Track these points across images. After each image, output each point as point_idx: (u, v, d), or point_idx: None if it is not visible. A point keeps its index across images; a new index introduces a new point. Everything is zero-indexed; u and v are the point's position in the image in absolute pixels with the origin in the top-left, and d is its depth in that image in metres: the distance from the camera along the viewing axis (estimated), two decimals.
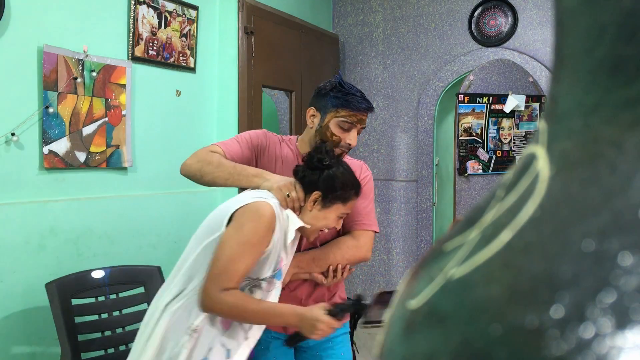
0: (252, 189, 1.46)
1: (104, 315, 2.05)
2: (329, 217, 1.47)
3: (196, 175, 1.52)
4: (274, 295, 1.41)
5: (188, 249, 1.40)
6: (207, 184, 1.53)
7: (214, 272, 1.29)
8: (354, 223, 1.66)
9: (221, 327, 1.36)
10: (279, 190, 1.42)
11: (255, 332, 1.42)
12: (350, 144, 1.62)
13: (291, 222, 1.40)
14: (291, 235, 1.39)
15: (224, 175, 1.48)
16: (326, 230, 1.53)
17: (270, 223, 1.32)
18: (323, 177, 1.45)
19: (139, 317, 2.17)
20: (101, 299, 2.07)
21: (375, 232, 1.71)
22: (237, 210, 1.33)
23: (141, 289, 2.21)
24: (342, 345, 1.72)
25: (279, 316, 1.39)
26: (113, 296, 2.11)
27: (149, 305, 2.13)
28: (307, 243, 1.62)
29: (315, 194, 1.45)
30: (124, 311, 2.12)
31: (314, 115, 1.64)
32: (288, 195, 1.42)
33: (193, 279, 1.34)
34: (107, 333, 2.05)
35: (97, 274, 2.07)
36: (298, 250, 1.58)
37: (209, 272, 1.30)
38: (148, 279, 2.21)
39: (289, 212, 1.42)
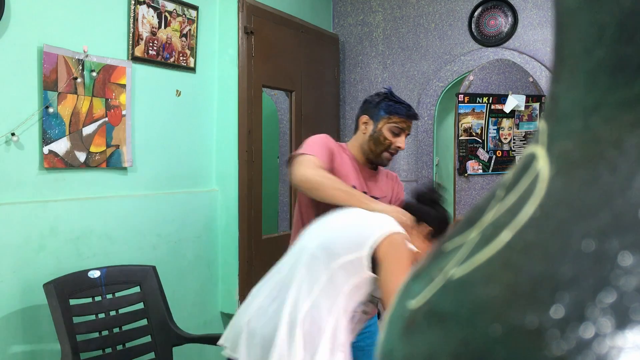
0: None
1: (101, 315, 2.06)
2: (424, 250, 1.56)
3: (313, 188, 1.63)
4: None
5: (310, 258, 1.42)
6: (321, 198, 1.64)
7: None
8: None
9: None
10: (398, 218, 1.54)
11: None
12: (399, 147, 1.83)
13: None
14: None
15: (339, 194, 1.61)
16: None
17: (412, 254, 1.44)
18: (437, 216, 1.62)
19: (135, 316, 2.18)
20: (98, 299, 2.07)
21: None
22: (381, 239, 1.39)
23: (137, 289, 2.21)
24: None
25: None
26: (109, 296, 2.11)
27: (145, 304, 2.16)
28: None
29: (428, 228, 1.59)
30: (121, 311, 2.13)
31: (366, 122, 1.85)
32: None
33: (338, 296, 1.37)
34: (105, 333, 2.05)
35: (93, 274, 2.08)
36: None
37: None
38: (143, 279, 2.22)
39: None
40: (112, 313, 2.10)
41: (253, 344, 1.40)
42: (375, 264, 1.39)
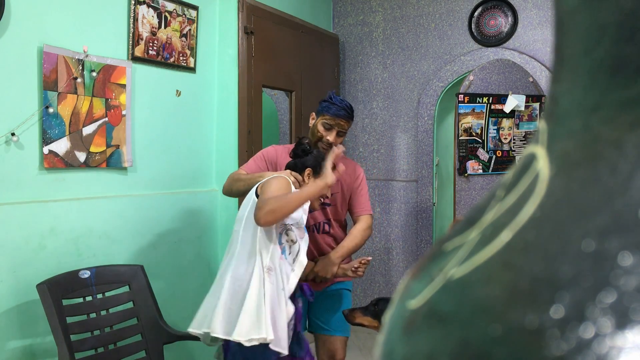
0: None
1: (93, 315, 2.06)
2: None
3: (228, 191, 2.17)
4: (304, 243, 1.92)
5: (236, 229, 1.90)
6: (235, 194, 2.18)
7: (260, 199, 1.80)
8: (360, 210, 2.29)
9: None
10: (288, 175, 1.95)
11: (298, 266, 1.90)
12: (329, 141, 2.17)
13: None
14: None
15: (241, 183, 2.07)
16: (328, 197, 2.05)
17: (287, 180, 1.90)
18: (309, 158, 2.02)
19: (126, 316, 2.18)
20: (89, 298, 2.07)
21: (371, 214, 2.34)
22: (259, 184, 1.90)
23: (126, 288, 2.21)
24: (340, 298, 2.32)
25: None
26: (100, 296, 2.11)
27: (134, 304, 2.18)
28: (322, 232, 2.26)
29: (308, 170, 2.00)
30: (111, 310, 2.13)
31: (313, 118, 2.27)
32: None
33: (255, 235, 1.81)
34: (97, 332, 2.05)
35: (83, 274, 2.08)
36: (315, 239, 2.22)
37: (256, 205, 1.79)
38: (132, 278, 2.22)
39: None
40: (103, 313, 2.10)
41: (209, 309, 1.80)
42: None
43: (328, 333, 2.29)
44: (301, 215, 1.90)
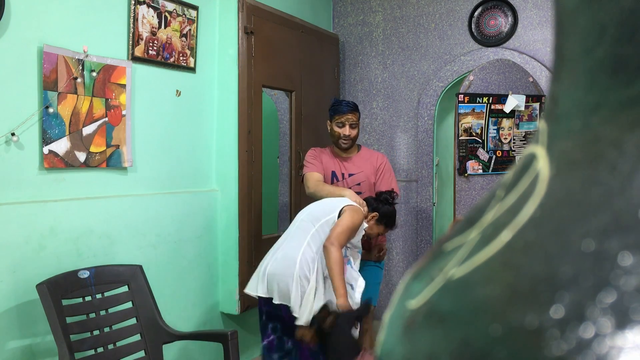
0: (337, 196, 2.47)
1: (92, 315, 2.06)
2: (374, 230, 2.46)
3: (313, 194, 2.55)
4: (358, 260, 2.37)
5: (302, 222, 2.29)
6: (318, 198, 2.51)
7: (337, 231, 2.16)
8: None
9: None
10: (357, 201, 2.36)
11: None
12: (345, 134, 2.63)
13: (362, 225, 2.32)
14: (362, 231, 2.33)
15: (325, 192, 2.50)
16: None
17: (362, 215, 2.30)
18: (386, 208, 2.44)
19: (125, 315, 2.18)
20: (88, 298, 2.08)
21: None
22: (345, 205, 2.28)
23: (125, 288, 2.21)
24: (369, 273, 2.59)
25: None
26: (99, 295, 2.12)
27: (133, 303, 2.18)
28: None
29: (375, 213, 2.42)
30: (110, 310, 2.13)
31: (329, 125, 2.70)
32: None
33: (314, 245, 2.19)
34: (96, 332, 2.05)
35: (83, 274, 2.08)
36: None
37: (332, 231, 2.17)
38: (131, 278, 2.22)
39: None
40: (103, 313, 2.10)
41: (267, 281, 2.17)
42: None
43: None
44: (358, 241, 2.34)
